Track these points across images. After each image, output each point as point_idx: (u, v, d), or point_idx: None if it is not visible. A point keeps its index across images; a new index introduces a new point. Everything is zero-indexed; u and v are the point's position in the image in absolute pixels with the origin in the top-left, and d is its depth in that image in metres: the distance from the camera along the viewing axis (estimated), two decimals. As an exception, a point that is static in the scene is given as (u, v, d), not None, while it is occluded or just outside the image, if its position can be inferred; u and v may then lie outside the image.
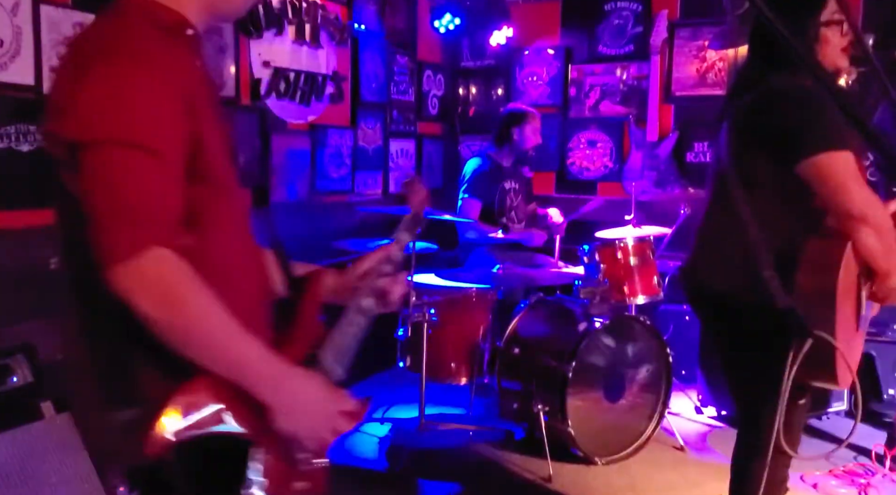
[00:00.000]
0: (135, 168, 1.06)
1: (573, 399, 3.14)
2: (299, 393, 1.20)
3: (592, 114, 5.01)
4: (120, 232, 1.05)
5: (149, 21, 1.16)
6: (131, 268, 1.05)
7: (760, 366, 1.90)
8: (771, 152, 1.90)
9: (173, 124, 1.10)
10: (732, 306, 2.00)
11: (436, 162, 5.26)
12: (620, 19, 4.87)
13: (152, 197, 1.08)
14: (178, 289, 1.08)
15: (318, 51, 4.00)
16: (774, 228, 1.89)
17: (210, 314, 1.10)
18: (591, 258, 3.51)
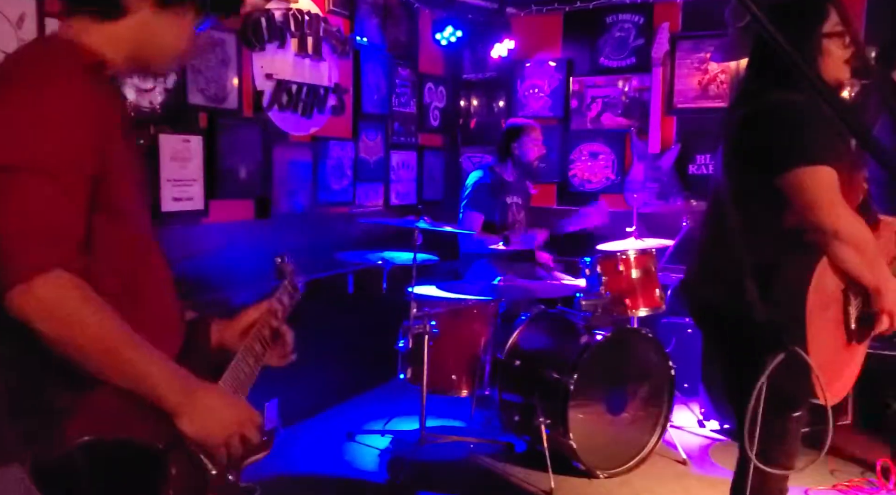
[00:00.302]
0: (36, 193, 1.10)
1: (575, 412, 3.13)
2: (204, 399, 1.23)
3: (594, 126, 5.02)
4: (19, 255, 1.08)
5: (70, 57, 1.20)
6: (29, 290, 1.08)
7: (749, 379, 1.91)
8: (754, 166, 1.92)
9: (78, 153, 1.14)
10: (725, 319, 2.01)
11: (437, 173, 5.27)
12: (622, 32, 4.88)
13: (52, 221, 1.11)
14: (75, 308, 1.11)
15: (321, 63, 4.02)
16: (760, 242, 1.91)
17: (109, 330, 1.14)
18: (592, 270, 3.50)
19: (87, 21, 1.25)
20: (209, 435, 1.23)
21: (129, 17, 1.26)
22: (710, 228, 2.14)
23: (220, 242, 3.40)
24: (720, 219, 2.02)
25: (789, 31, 1.80)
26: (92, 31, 1.25)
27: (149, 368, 1.18)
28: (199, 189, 3.34)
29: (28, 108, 1.12)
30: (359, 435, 3.69)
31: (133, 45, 1.28)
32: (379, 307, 3.75)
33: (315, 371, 3.75)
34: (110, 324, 1.15)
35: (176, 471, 1.19)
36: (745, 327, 1.88)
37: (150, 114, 3.09)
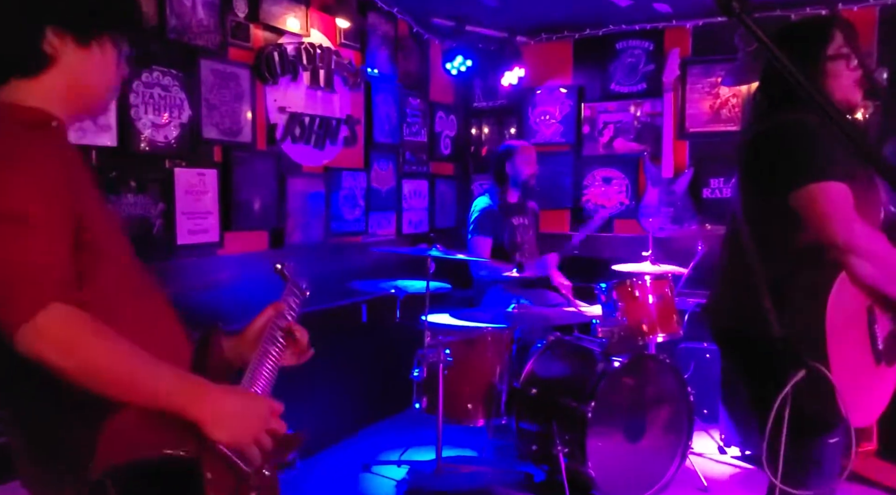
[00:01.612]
0: (15, 237, 1.12)
1: (593, 440, 3.09)
2: (224, 402, 1.25)
3: (606, 151, 5.02)
4: (15, 297, 1.11)
5: (12, 120, 1.23)
6: (32, 327, 1.10)
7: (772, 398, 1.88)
8: (766, 185, 1.92)
9: (51, 197, 1.16)
10: (746, 339, 1.99)
11: (449, 201, 5.29)
12: (632, 57, 4.91)
13: (38, 261, 1.13)
14: (81, 336, 1.13)
15: (333, 95, 4.06)
16: (774, 259, 1.90)
17: (118, 352, 1.16)
18: (608, 296, 3.48)
19: (20, 82, 1.27)
20: (238, 436, 1.24)
21: (55, 65, 1.28)
22: (729, 250, 2.13)
23: (235, 273, 3.42)
24: (736, 242, 2.01)
25: (795, 53, 1.83)
26: (24, 89, 1.27)
27: (165, 383, 1.19)
28: (214, 221, 3.37)
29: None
30: (375, 465, 3.65)
31: (67, 90, 1.30)
32: (393, 336, 3.74)
33: (330, 401, 3.73)
34: (119, 345, 1.17)
35: (212, 475, 1.20)
36: (765, 345, 1.86)
37: (165, 148, 3.13)
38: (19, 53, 1.27)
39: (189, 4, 3.20)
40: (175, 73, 3.15)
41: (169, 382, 1.20)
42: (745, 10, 0.91)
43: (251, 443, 1.26)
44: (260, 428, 1.28)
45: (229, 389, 1.31)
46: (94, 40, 1.31)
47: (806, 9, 4.21)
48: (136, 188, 3.01)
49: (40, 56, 1.27)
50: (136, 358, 1.18)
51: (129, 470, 1.13)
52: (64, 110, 1.31)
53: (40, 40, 1.26)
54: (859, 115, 4.11)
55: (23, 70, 1.27)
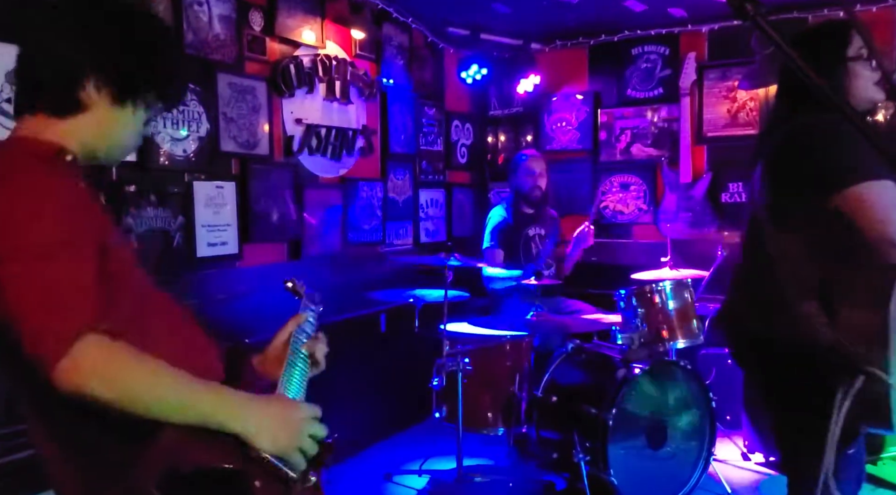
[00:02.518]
0: (44, 271, 1.12)
1: (615, 447, 3.06)
2: (264, 411, 1.26)
3: (624, 157, 5.00)
4: (49, 334, 1.10)
5: (29, 155, 1.23)
6: (69, 362, 1.09)
7: (805, 413, 1.82)
8: (805, 186, 1.85)
9: (74, 228, 1.17)
10: (774, 349, 1.93)
11: (466, 210, 5.29)
12: (648, 63, 4.89)
13: (69, 293, 1.13)
14: (119, 365, 1.14)
15: (349, 106, 4.09)
16: (811, 264, 1.84)
17: (157, 376, 1.17)
18: (627, 303, 3.46)
19: (45, 118, 1.28)
20: (281, 443, 1.26)
21: (86, 113, 1.28)
22: (751, 257, 2.07)
23: (254, 285, 3.44)
24: (760, 247, 1.95)
25: (814, 56, 1.81)
26: (50, 126, 1.28)
27: (206, 400, 1.21)
28: (233, 233, 3.39)
29: (8, 202, 1.15)
30: (396, 475, 3.65)
31: (88, 138, 1.31)
32: (412, 345, 3.74)
33: (350, 411, 3.73)
34: (157, 369, 1.17)
35: (260, 484, 1.22)
36: (806, 355, 1.79)
37: (184, 162, 3.16)
38: (55, 92, 1.28)
39: (206, 19, 3.23)
40: (193, 87, 3.18)
41: (209, 399, 1.21)
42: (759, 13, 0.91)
43: (294, 449, 1.28)
44: (302, 434, 1.29)
45: (268, 398, 1.32)
46: (132, 101, 1.32)
47: (824, 10, 4.17)
48: (157, 202, 3.05)
49: (74, 101, 1.28)
50: (175, 379, 1.19)
51: (176, 484, 1.14)
52: (80, 151, 1.31)
53: (79, 87, 1.27)
54: (880, 116, 4.06)
55: (52, 109, 1.28)
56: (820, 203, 1.80)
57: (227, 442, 1.21)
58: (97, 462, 1.22)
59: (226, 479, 1.19)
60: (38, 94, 1.29)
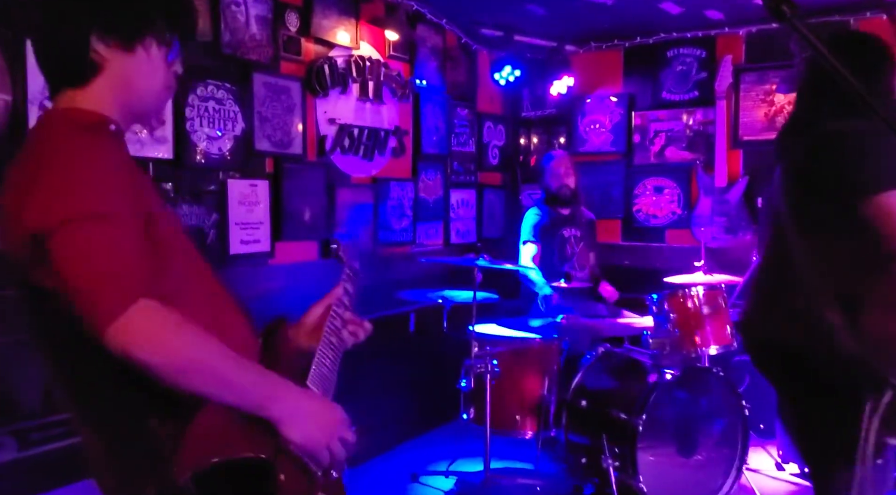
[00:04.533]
0: (100, 235, 1.13)
1: (644, 453, 3.03)
2: (301, 403, 1.26)
3: (658, 160, 4.95)
4: (103, 295, 1.11)
5: (72, 124, 1.24)
6: (122, 324, 1.10)
7: (831, 424, 1.79)
8: (832, 194, 1.83)
9: (123, 195, 1.18)
10: (800, 358, 1.89)
11: (497, 211, 5.28)
12: (684, 65, 4.84)
13: (123, 257, 1.14)
14: (170, 331, 1.14)
15: (381, 107, 4.10)
16: (838, 273, 1.81)
17: (205, 347, 1.17)
18: (660, 307, 3.42)
19: (72, 92, 1.29)
20: (313, 439, 1.25)
21: (103, 71, 1.28)
22: (774, 264, 2.04)
23: (285, 283, 3.47)
24: (784, 254, 1.93)
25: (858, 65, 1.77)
26: (78, 98, 1.28)
27: (250, 379, 1.21)
28: (265, 231, 3.43)
29: (60, 170, 1.16)
30: (423, 476, 3.65)
31: (118, 95, 1.30)
32: (440, 346, 3.74)
33: (377, 411, 3.75)
34: (206, 340, 1.17)
35: (285, 478, 1.22)
36: (832, 365, 1.77)
37: (220, 160, 3.20)
38: (67, 64, 1.28)
39: (243, 20, 3.27)
40: (229, 86, 3.22)
41: (253, 378, 1.21)
42: (795, 15, 0.89)
43: (323, 448, 1.27)
44: (333, 434, 1.28)
45: (306, 392, 1.32)
46: (139, 42, 1.30)
47: (866, 13, 4.10)
48: (191, 199, 3.09)
49: (87, 64, 1.27)
50: (223, 352, 1.18)
51: (212, 472, 1.13)
52: (118, 114, 1.30)
53: (86, 49, 1.27)
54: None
55: (72, 80, 1.28)
56: (847, 210, 1.77)
57: (260, 430, 1.20)
58: (135, 445, 1.21)
59: (254, 469, 1.19)
60: (56, 71, 1.30)
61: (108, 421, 1.24)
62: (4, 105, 2.47)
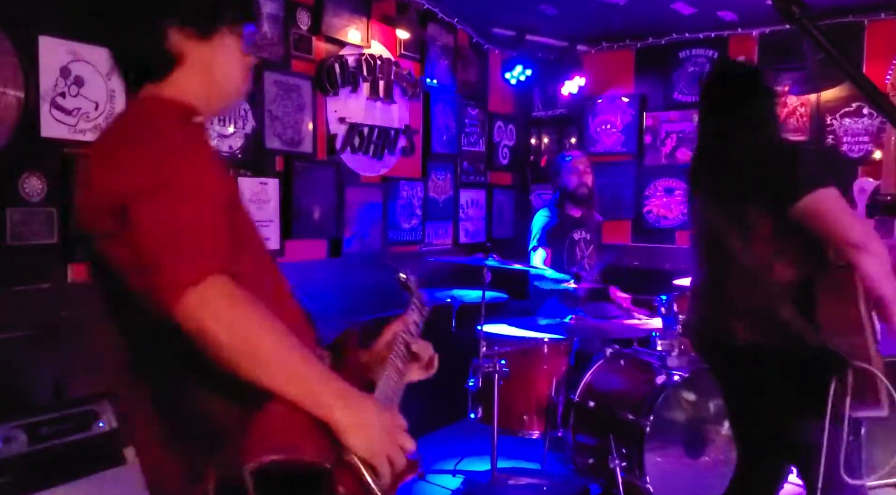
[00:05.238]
0: (182, 205, 1.11)
1: (651, 454, 3.03)
2: (365, 410, 1.19)
3: (669, 161, 4.93)
4: (180, 265, 1.07)
5: (163, 106, 1.24)
6: (198, 295, 1.06)
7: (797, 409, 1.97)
8: (768, 203, 2.01)
9: (209, 173, 1.17)
10: (755, 355, 2.05)
11: (506, 211, 5.28)
12: (696, 66, 4.82)
13: (204, 228, 1.11)
14: (243, 311, 1.09)
15: (392, 106, 4.11)
16: (786, 273, 1.99)
17: (278, 334, 1.11)
18: (668, 309, 3.40)
19: (151, 86, 1.28)
20: (374, 448, 1.18)
21: (182, 64, 1.27)
22: (716, 273, 2.19)
23: (295, 281, 3.47)
24: (726, 261, 2.10)
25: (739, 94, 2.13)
26: (160, 90, 1.28)
27: (316, 376, 1.14)
28: (275, 229, 3.44)
29: (148, 143, 1.15)
30: (430, 474, 3.66)
31: (198, 87, 1.29)
32: (448, 345, 3.72)
33: (386, 409, 3.74)
34: (278, 327, 1.12)
35: (344, 490, 1.15)
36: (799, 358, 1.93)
37: (230, 158, 3.22)
38: (146, 58, 1.27)
39: (254, 18, 3.29)
40: (240, 84, 3.24)
41: (319, 376, 1.15)
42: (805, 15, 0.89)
43: (384, 458, 1.20)
44: (394, 444, 1.22)
45: (373, 400, 1.25)
46: (215, 32, 1.29)
47: (881, 14, 4.07)
48: (202, 196, 3.11)
49: (166, 57, 1.27)
50: (294, 343, 1.13)
51: (270, 470, 1.07)
52: (204, 109, 1.30)
53: (164, 42, 1.26)
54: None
55: (152, 74, 1.28)
56: (783, 214, 1.96)
57: (322, 436, 1.14)
58: (199, 428, 1.17)
59: (314, 476, 1.12)
60: (136, 66, 1.29)
61: (173, 402, 1.20)
62: (17, 102, 2.49)
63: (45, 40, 2.55)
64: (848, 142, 4.33)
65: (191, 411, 1.18)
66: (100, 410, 2.35)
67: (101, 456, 2.24)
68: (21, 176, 2.52)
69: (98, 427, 2.32)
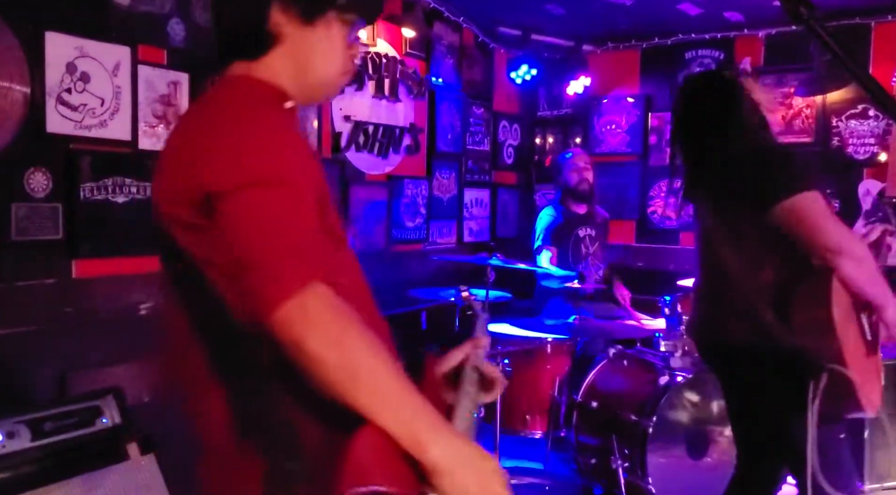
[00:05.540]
0: (284, 205, 1.01)
1: (654, 455, 3.02)
2: (462, 449, 1.02)
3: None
4: (281, 270, 0.97)
5: (252, 90, 1.17)
6: (297, 307, 0.96)
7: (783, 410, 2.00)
8: (748, 208, 2.02)
9: (304, 167, 1.08)
10: (746, 355, 2.08)
11: (511, 210, 5.28)
12: (702, 67, 4.81)
13: (306, 232, 1.02)
14: (344, 326, 0.99)
15: (397, 104, 4.11)
16: (766, 276, 2.01)
17: (377, 355, 1.00)
18: (672, 309, 3.40)
19: (244, 64, 1.19)
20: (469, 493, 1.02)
21: (279, 45, 1.18)
22: (713, 273, 2.22)
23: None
24: (718, 263, 2.13)
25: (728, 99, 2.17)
26: (253, 70, 1.19)
27: (417, 408, 1.00)
28: (279, 227, 3.44)
29: (243, 131, 1.06)
30: (432, 473, 3.65)
31: (292, 72, 1.20)
32: (452, 344, 3.73)
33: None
34: (379, 347, 1.00)
35: None
36: (773, 358, 1.97)
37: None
38: (244, 33, 1.19)
39: (260, 16, 3.29)
40: (245, 82, 3.24)
41: (419, 409, 1.01)
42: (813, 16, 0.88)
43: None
44: (490, 491, 1.04)
45: (465, 438, 1.08)
46: (321, 17, 1.19)
47: (888, 16, 4.05)
48: (207, 193, 3.10)
49: (265, 36, 1.17)
50: (392, 367, 1.00)
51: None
52: (296, 96, 1.21)
53: (265, 19, 1.17)
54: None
55: (248, 51, 1.19)
56: (762, 219, 1.97)
57: (413, 474, 1.00)
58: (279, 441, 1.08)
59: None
60: (232, 40, 1.20)
61: (254, 410, 1.10)
62: (23, 98, 2.49)
63: (52, 36, 2.55)
64: (853, 144, 4.32)
65: (275, 422, 1.09)
66: (103, 406, 2.35)
67: (105, 452, 2.24)
68: (27, 171, 2.53)
69: (101, 423, 2.32)
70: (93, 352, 2.66)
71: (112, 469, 2.21)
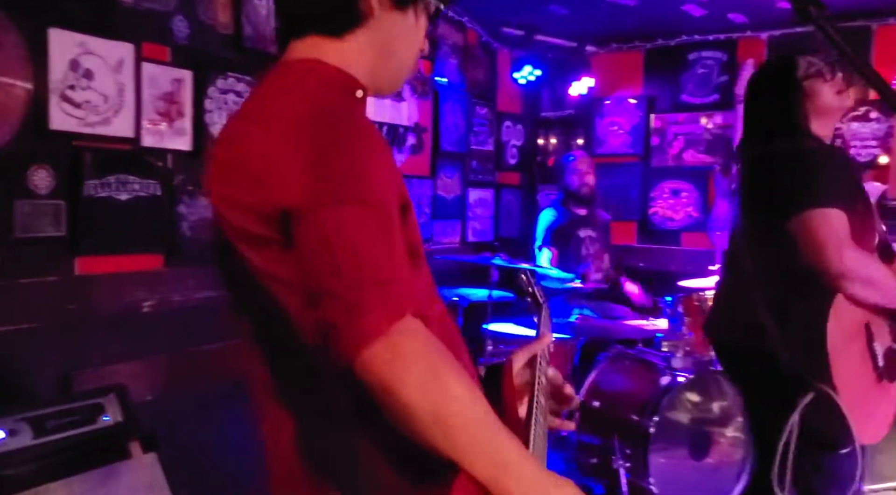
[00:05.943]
0: (373, 226, 0.88)
1: (655, 455, 3.02)
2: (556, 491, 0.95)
3: (676, 163, 4.93)
4: (367, 302, 0.84)
5: (326, 83, 1.05)
6: (387, 347, 0.84)
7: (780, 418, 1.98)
8: (767, 208, 1.97)
9: (390, 178, 0.96)
10: (751, 360, 2.08)
11: (514, 211, 5.28)
12: (705, 68, 4.81)
13: (395, 258, 0.89)
14: (437, 368, 0.87)
15: (401, 103, 4.11)
16: (774, 282, 1.98)
17: (473, 399, 0.88)
18: (674, 310, 3.41)
19: (319, 39, 1.07)
20: None
21: (365, 25, 1.07)
22: (731, 272, 2.21)
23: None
24: (736, 264, 2.11)
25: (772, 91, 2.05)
26: (327, 48, 1.06)
27: (513, 459, 0.90)
28: (281, 225, 3.44)
29: (323, 141, 0.92)
30: (433, 473, 3.65)
31: (373, 57, 1.10)
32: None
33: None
34: (474, 392, 0.89)
35: None
36: (772, 367, 1.95)
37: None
38: (332, 6, 1.07)
39: (264, 14, 3.29)
40: (249, 79, 3.24)
41: (516, 459, 0.91)
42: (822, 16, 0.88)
43: None
44: None
45: (565, 483, 0.99)
46: (413, 5, 1.11)
47: (889, 19, 4.05)
48: (210, 192, 3.10)
49: (354, 13, 1.06)
50: (487, 414, 0.89)
51: None
52: (364, 81, 1.09)
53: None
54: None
55: (331, 26, 1.07)
56: (780, 225, 1.91)
57: None
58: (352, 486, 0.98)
59: None
60: (316, 11, 1.07)
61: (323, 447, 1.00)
62: (26, 94, 2.49)
63: (55, 32, 2.55)
64: (855, 147, 4.32)
65: (349, 462, 0.98)
66: (106, 404, 2.35)
67: (107, 449, 2.23)
68: (29, 168, 2.52)
69: (103, 420, 2.32)
70: (95, 350, 2.66)
71: (114, 467, 2.21)
